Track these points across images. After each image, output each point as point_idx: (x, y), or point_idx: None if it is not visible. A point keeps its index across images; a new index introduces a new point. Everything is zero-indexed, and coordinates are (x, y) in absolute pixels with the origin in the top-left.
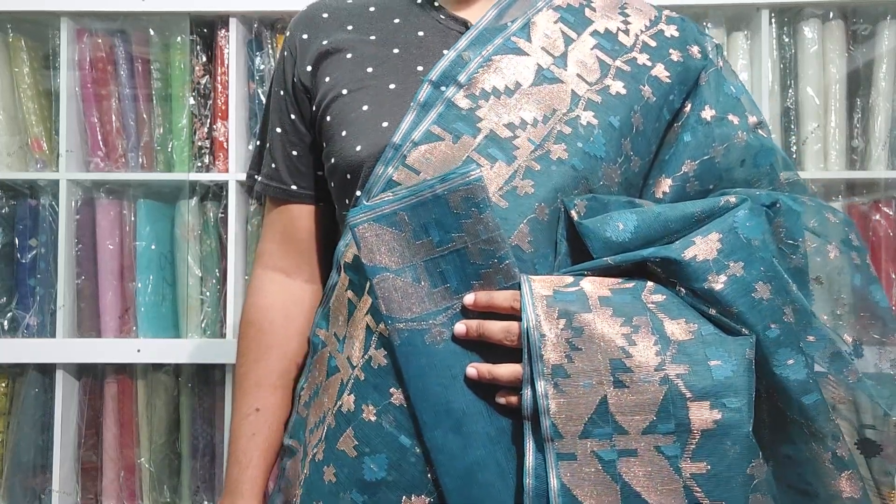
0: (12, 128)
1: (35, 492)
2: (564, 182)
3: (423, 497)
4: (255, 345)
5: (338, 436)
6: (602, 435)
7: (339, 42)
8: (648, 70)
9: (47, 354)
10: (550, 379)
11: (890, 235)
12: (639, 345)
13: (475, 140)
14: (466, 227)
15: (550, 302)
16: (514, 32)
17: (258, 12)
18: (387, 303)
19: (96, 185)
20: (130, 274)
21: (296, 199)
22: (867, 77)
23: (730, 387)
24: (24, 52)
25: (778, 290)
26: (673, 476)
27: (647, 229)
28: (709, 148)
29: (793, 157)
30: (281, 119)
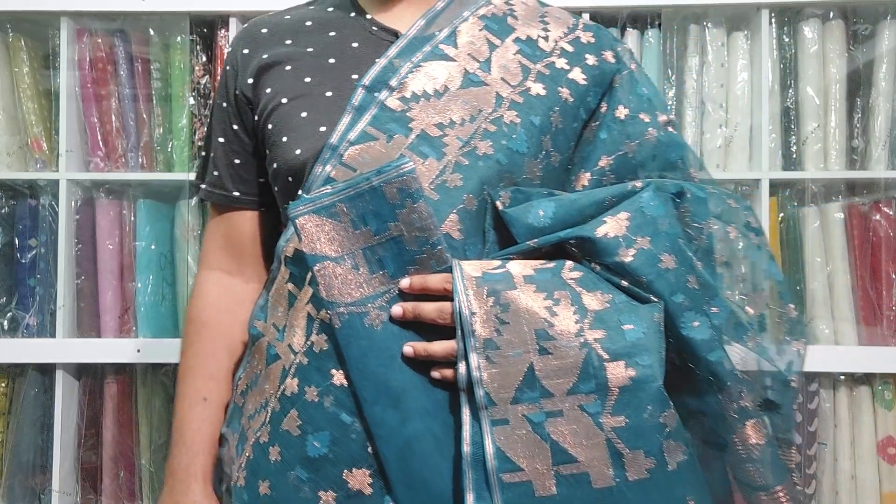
0: (12, 128)
1: (35, 492)
2: (490, 175)
3: (363, 470)
4: (198, 339)
5: (282, 418)
6: (531, 399)
7: (278, 55)
8: (566, 73)
9: (47, 354)
10: (482, 352)
11: (890, 235)
12: (560, 315)
13: (407, 139)
14: (401, 217)
15: (479, 282)
16: (442, 40)
17: (258, 12)
18: (327, 289)
19: (96, 185)
20: (130, 274)
21: (238, 204)
22: (867, 77)
23: (641, 347)
24: (24, 52)
25: (681, 260)
26: (596, 431)
27: (565, 214)
28: (622, 144)
29: (793, 157)
30: (223, 130)
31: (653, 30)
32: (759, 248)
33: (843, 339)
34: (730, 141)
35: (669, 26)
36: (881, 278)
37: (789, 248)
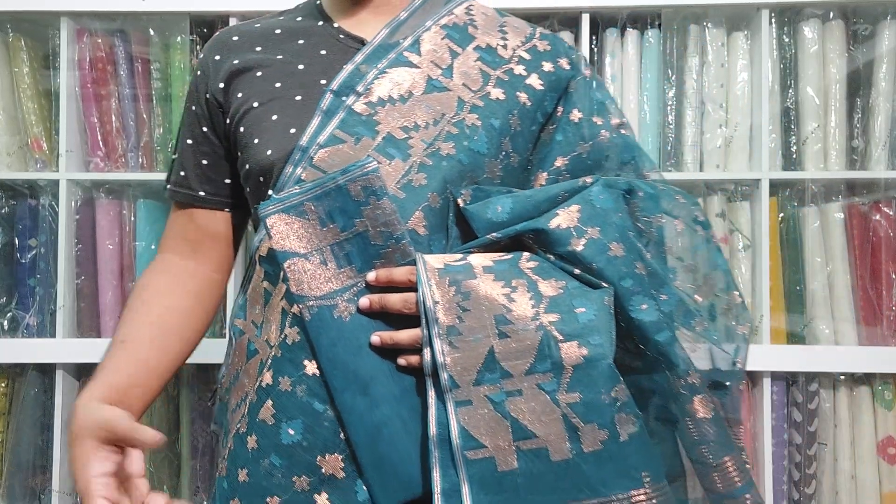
0: (12, 128)
1: (35, 492)
2: (453, 175)
3: (336, 455)
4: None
5: (258, 408)
6: (492, 380)
7: (249, 61)
8: (524, 79)
9: (47, 354)
10: (445, 338)
11: (890, 235)
12: (517, 301)
13: (374, 141)
14: (366, 213)
15: (441, 273)
16: (406, 48)
17: (258, 12)
18: (297, 284)
19: (96, 185)
20: (130, 274)
21: (202, 204)
22: (867, 77)
23: (593, 328)
24: (24, 52)
25: (630, 249)
26: (553, 407)
27: (521, 209)
28: (577, 145)
29: (793, 157)
30: (192, 131)
31: (653, 30)
32: (706, 240)
33: (843, 339)
34: (730, 141)
35: (669, 26)
36: (881, 278)
37: (789, 248)
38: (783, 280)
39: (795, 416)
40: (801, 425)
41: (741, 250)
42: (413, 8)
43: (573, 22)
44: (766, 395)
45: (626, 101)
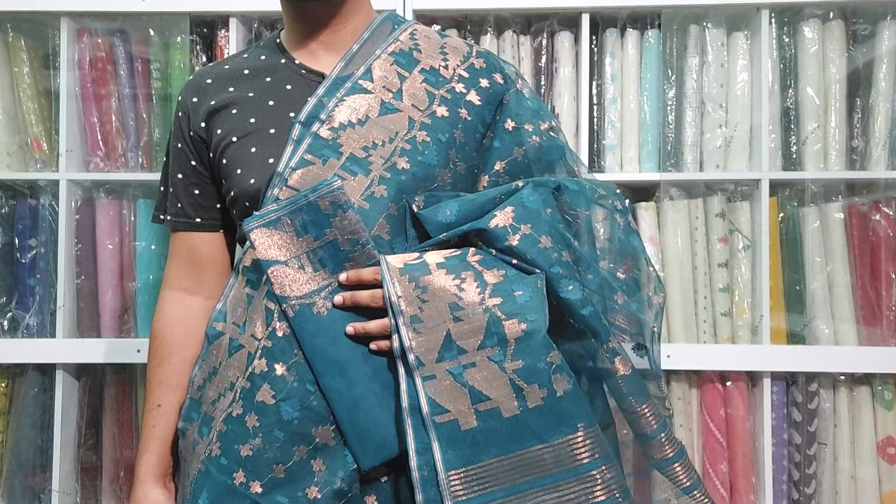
0: (12, 128)
1: (35, 492)
2: (408, 185)
3: (327, 426)
4: (158, 352)
5: (255, 391)
6: (450, 357)
7: (224, 100)
8: (464, 96)
9: (47, 354)
10: (410, 326)
11: (890, 235)
12: (466, 290)
13: (339, 161)
14: (335, 224)
15: (402, 272)
16: (360, 77)
17: (258, 12)
18: (280, 287)
19: (96, 185)
20: (130, 274)
21: (199, 229)
22: (867, 77)
23: (529, 307)
24: (24, 52)
25: (556, 240)
26: (501, 374)
27: (466, 211)
28: (513, 150)
29: (793, 157)
30: (181, 167)
31: (653, 30)
32: (625, 225)
33: (843, 339)
34: (730, 141)
35: (669, 26)
36: (881, 278)
37: (789, 248)
38: (783, 280)
39: (795, 416)
40: (801, 425)
41: (741, 250)
42: (363, 40)
43: (573, 22)
44: (766, 395)
45: (626, 101)
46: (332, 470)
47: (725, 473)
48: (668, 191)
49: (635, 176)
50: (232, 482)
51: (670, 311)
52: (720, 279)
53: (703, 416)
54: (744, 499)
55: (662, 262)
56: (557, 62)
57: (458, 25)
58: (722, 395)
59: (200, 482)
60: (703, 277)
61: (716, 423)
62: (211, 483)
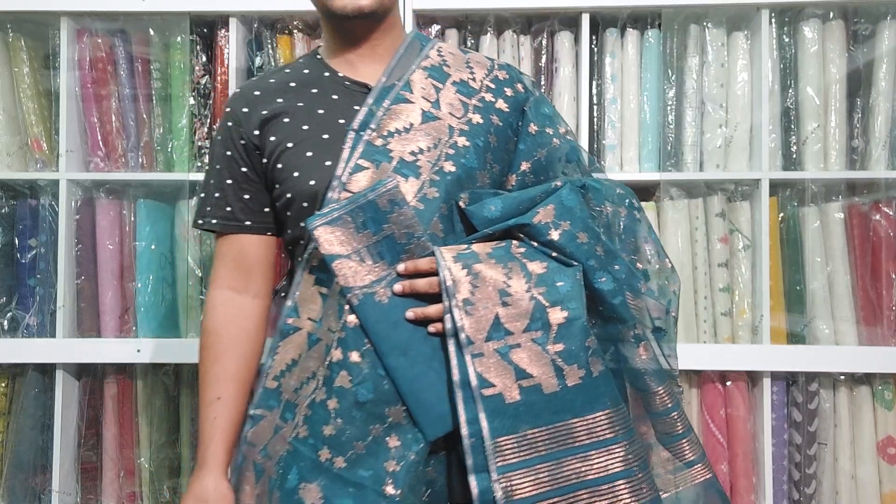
0: (12, 128)
1: (35, 492)
2: (454, 186)
3: (398, 406)
4: (213, 349)
5: (334, 378)
6: (498, 337)
7: (275, 110)
8: (493, 104)
9: (47, 354)
10: (462, 308)
11: (890, 235)
12: (514, 278)
13: (391, 165)
14: (392, 220)
15: (455, 259)
16: (401, 88)
17: (258, 12)
18: (344, 279)
19: (96, 185)
20: (130, 274)
21: (248, 231)
22: (867, 77)
23: (570, 296)
24: (24, 52)
25: (591, 236)
26: (543, 355)
27: (509, 208)
28: (535, 152)
29: (793, 157)
30: (231, 173)
31: (653, 30)
32: (640, 220)
33: (843, 339)
34: (730, 141)
35: (669, 26)
36: (881, 278)
37: (789, 248)
38: (783, 280)
39: (795, 416)
40: (801, 425)
41: (741, 250)
42: (399, 56)
43: (573, 22)
44: (766, 395)
45: (626, 101)
46: (407, 445)
47: (726, 473)
48: (668, 191)
49: (635, 176)
50: (318, 458)
51: None
52: (720, 279)
53: (703, 416)
54: (744, 499)
55: None
56: (557, 62)
57: (458, 25)
58: (722, 395)
59: (289, 461)
60: (704, 277)
61: (716, 423)
62: (299, 461)
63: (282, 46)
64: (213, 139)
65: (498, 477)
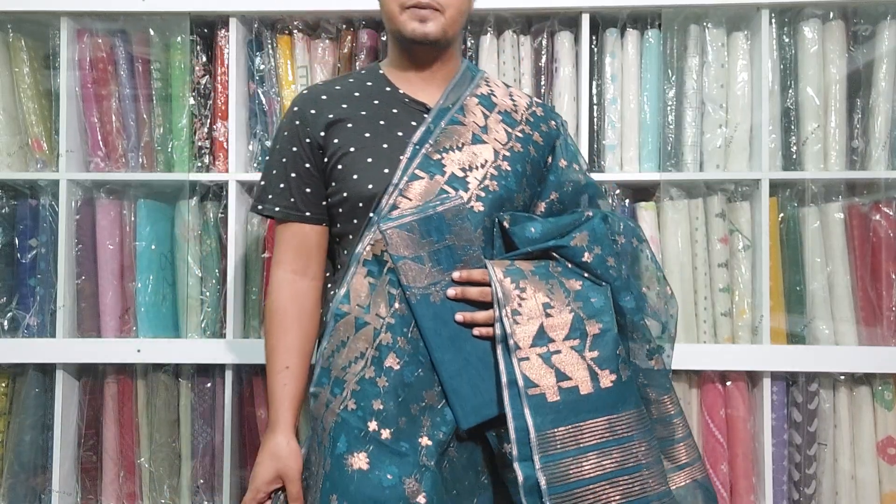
0: (12, 128)
1: (35, 492)
2: (496, 204)
3: (433, 390)
4: (280, 324)
5: (384, 358)
6: (542, 344)
7: (340, 115)
8: (531, 136)
9: (47, 354)
10: (511, 317)
11: (890, 235)
12: (555, 294)
13: (444, 178)
14: (454, 231)
15: (505, 274)
16: (456, 111)
17: (258, 12)
18: (406, 277)
19: (96, 185)
20: (130, 274)
21: (309, 221)
22: (867, 77)
23: (603, 311)
24: (24, 52)
25: (617, 261)
26: (581, 360)
27: (548, 231)
28: (564, 184)
29: (793, 157)
30: (296, 168)
31: (653, 30)
32: (650, 253)
33: (843, 339)
34: (730, 141)
35: (669, 26)
36: (881, 278)
37: (789, 248)
38: (783, 280)
39: (795, 416)
40: (801, 425)
41: (741, 250)
42: (454, 83)
43: (573, 22)
44: (766, 395)
45: (626, 101)
46: (436, 425)
47: (726, 474)
48: (668, 191)
49: (635, 176)
50: (366, 429)
51: None
52: (720, 279)
53: (703, 417)
54: (744, 499)
55: (662, 262)
56: (557, 62)
57: None
58: (722, 396)
59: (338, 430)
60: (704, 277)
61: (716, 423)
62: (347, 430)
63: (282, 46)
64: (278, 134)
65: (542, 466)
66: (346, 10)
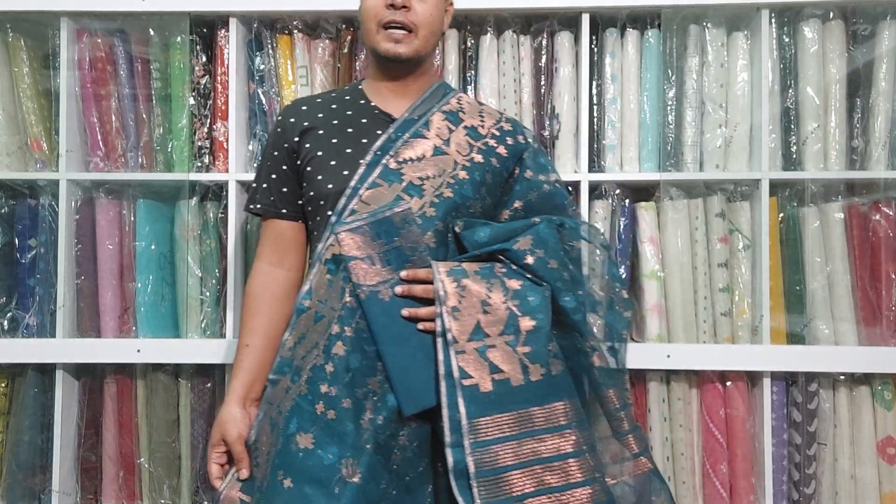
0: (12, 128)
1: (35, 492)
2: (450, 209)
3: (376, 378)
4: (252, 307)
5: (332, 347)
6: (478, 339)
7: (314, 123)
8: (495, 149)
9: (47, 354)
10: (451, 313)
11: (890, 235)
12: (493, 292)
13: (401, 186)
14: (403, 234)
15: (448, 273)
16: (420, 125)
17: (258, 12)
18: (356, 276)
19: (96, 185)
20: (130, 274)
21: (285, 217)
22: (867, 77)
23: (538, 309)
24: (24, 52)
25: (560, 264)
26: (513, 355)
27: (495, 235)
28: (528, 194)
29: (793, 157)
30: (276, 170)
31: (653, 30)
32: (607, 258)
33: (843, 339)
34: (730, 141)
35: (669, 26)
36: (881, 278)
37: (789, 248)
38: (783, 280)
39: (795, 416)
40: (801, 425)
41: (741, 250)
42: (423, 97)
43: (573, 22)
44: (766, 395)
45: (626, 101)
46: (377, 410)
47: (725, 474)
48: (668, 191)
49: (635, 176)
50: (314, 411)
51: (671, 311)
52: (720, 279)
53: (703, 417)
54: (744, 499)
55: (662, 262)
56: (557, 62)
57: (458, 25)
58: (722, 396)
59: (292, 413)
60: (703, 277)
61: (716, 423)
62: (299, 413)
63: (282, 46)
64: (267, 140)
65: (471, 451)
66: (346, 10)
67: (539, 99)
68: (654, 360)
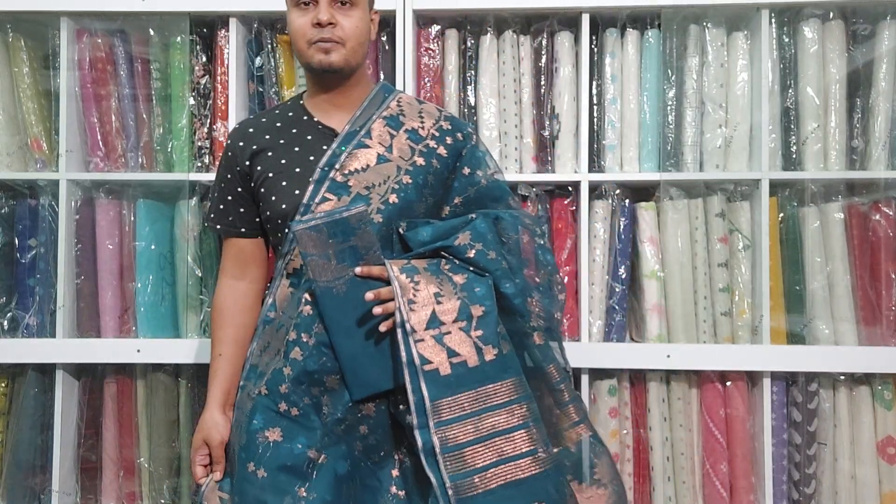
0: (12, 128)
1: (35, 492)
2: (395, 213)
3: (335, 376)
4: (220, 319)
5: (290, 352)
6: (434, 327)
7: (262, 145)
8: (435, 150)
9: (47, 354)
10: (408, 305)
11: (890, 235)
12: (444, 286)
13: (349, 197)
14: (357, 234)
15: (401, 271)
16: (363, 135)
17: (258, 12)
18: (313, 272)
19: (96, 185)
20: (130, 274)
21: (244, 236)
22: (867, 77)
23: (485, 297)
24: (24, 52)
25: (498, 254)
26: (467, 339)
27: (437, 233)
28: (467, 189)
29: (793, 157)
30: (231, 192)
31: (653, 30)
32: (542, 245)
33: (843, 339)
34: (730, 141)
35: (669, 26)
36: (881, 278)
37: (789, 248)
38: (783, 280)
39: (795, 416)
40: (801, 425)
41: (741, 250)
42: (363, 107)
43: (573, 22)
44: (766, 395)
45: (626, 101)
46: (335, 405)
47: (725, 473)
48: (668, 191)
49: (635, 176)
50: (278, 409)
51: (671, 311)
52: (720, 279)
53: (703, 416)
54: (744, 499)
55: (662, 262)
56: (557, 62)
57: (457, 25)
58: (722, 395)
59: (253, 410)
60: (703, 277)
61: (716, 423)
62: (262, 410)
63: (282, 46)
64: (220, 162)
65: (436, 429)
66: None
67: (539, 99)
68: (654, 360)
